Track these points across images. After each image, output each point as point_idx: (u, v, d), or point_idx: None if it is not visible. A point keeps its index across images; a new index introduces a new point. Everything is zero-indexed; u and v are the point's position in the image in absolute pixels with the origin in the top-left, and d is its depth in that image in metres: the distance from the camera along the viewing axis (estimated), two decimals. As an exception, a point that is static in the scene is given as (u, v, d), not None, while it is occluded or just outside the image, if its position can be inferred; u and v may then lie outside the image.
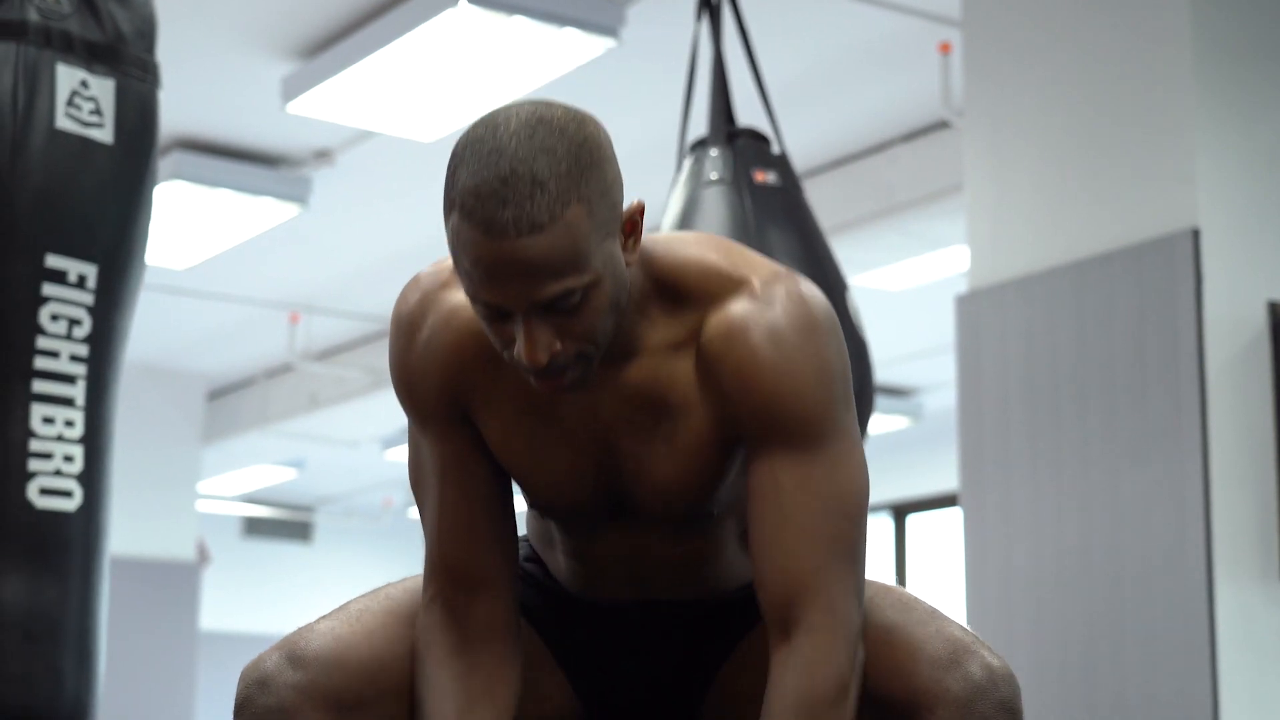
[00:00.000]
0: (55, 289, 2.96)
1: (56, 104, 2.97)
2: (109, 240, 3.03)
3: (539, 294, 1.58)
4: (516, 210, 1.55)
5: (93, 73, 3.02)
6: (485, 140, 1.58)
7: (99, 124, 3.02)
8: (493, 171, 1.56)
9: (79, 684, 2.96)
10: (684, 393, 1.74)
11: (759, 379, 1.69)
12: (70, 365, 2.98)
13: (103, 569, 3.03)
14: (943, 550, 10.74)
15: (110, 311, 3.04)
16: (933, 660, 1.69)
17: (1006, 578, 4.34)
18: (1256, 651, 3.94)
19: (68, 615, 2.94)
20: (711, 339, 1.72)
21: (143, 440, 9.87)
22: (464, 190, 1.57)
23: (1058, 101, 4.42)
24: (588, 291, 1.61)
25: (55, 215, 2.95)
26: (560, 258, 1.57)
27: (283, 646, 1.77)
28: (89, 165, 3.00)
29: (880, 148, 6.44)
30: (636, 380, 1.74)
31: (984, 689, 1.67)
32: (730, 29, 5.43)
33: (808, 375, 1.70)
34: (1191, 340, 3.99)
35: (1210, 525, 3.92)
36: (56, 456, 2.95)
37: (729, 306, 1.72)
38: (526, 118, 1.59)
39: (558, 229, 1.56)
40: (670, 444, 1.75)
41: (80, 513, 2.97)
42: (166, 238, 7.20)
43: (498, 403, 1.78)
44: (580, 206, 1.58)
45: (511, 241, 1.55)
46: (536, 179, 1.56)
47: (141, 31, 3.10)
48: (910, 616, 1.74)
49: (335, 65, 5.54)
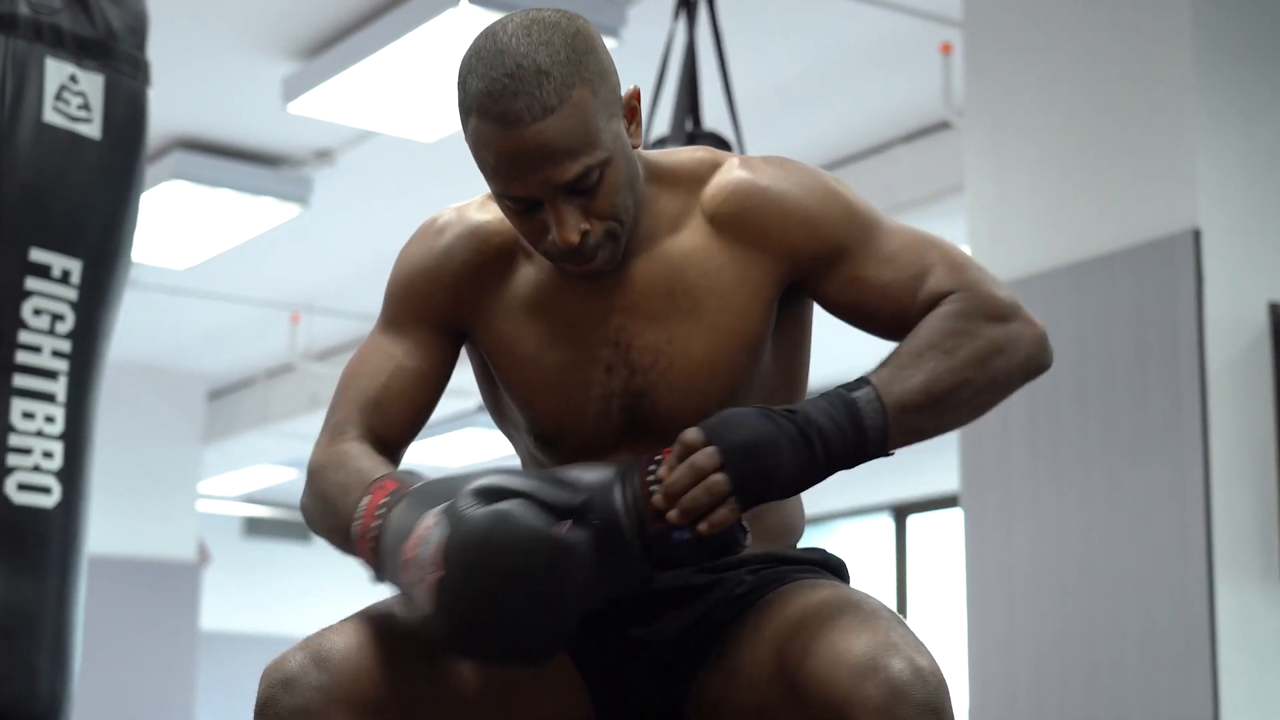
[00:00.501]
0: (39, 283, 2.94)
1: (45, 98, 2.95)
2: (94, 236, 3.01)
3: (561, 175, 1.71)
4: (528, 99, 1.69)
5: (82, 68, 3.00)
6: (488, 47, 1.72)
7: (87, 119, 3.01)
8: (500, 70, 1.70)
9: (54, 681, 2.94)
10: (705, 269, 1.82)
11: (787, 212, 1.82)
12: (52, 361, 2.96)
13: (81, 566, 3.01)
14: (943, 551, 10.74)
15: (94, 307, 3.02)
16: (852, 665, 1.64)
17: (1007, 578, 4.34)
18: (1257, 652, 3.93)
19: (44, 612, 2.92)
20: (719, 205, 1.84)
21: (143, 440, 9.87)
22: (477, 93, 1.71)
23: (1058, 102, 4.42)
24: (604, 169, 1.73)
25: (40, 209, 2.93)
26: (574, 137, 1.70)
27: (306, 647, 1.76)
28: (76, 160, 2.98)
29: (880, 148, 6.43)
30: (650, 272, 1.83)
31: (902, 692, 1.61)
32: (731, 30, 5.42)
33: (822, 186, 1.84)
34: (1192, 341, 3.99)
35: (1211, 525, 3.92)
36: (35, 452, 2.93)
37: (720, 176, 1.85)
38: (521, 20, 1.73)
39: (566, 110, 1.70)
40: (696, 321, 1.81)
41: (59, 509, 2.95)
42: (167, 238, 7.19)
43: (509, 312, 1.86)
44: (584, 88, 1.71)
45: (528, 128, 1.69)
46: (540, 68, 1.69)
47: (133, 28, 3.09)
48: (845, 620, 1.69)
49: (336, 65, 5.54)
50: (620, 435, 1.84)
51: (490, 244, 1.88)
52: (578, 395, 1.83)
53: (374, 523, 1.73)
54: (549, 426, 1.85)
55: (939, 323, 1.76)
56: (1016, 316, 1.79)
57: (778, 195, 1.83)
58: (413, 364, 1.88)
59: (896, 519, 10.98)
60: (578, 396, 1.83)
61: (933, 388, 1.73)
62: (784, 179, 1.84)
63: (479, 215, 1.90)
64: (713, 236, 1.83)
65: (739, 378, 1.83)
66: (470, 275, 1.88)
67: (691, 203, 1.85)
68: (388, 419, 1.88)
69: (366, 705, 1.75)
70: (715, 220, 1.84)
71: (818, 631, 1.70)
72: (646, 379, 1.82)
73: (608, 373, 1.83)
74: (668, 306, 1.82)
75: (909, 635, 1.68)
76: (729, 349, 1.82)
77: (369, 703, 1.75)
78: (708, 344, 1.81)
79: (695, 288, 1.82)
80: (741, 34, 5.39)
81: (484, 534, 1.60)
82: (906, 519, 10.94)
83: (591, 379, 1.83)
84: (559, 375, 1.83)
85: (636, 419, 1.83)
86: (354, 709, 1.74)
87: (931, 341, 1.75)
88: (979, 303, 1.78)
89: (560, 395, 1.84)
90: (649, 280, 1.82)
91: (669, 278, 1.82)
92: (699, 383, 1.81)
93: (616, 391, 1.83)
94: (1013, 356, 1.78)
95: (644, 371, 1.82)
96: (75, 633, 3.00)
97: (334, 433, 1.88)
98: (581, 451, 1.84)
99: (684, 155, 1.89)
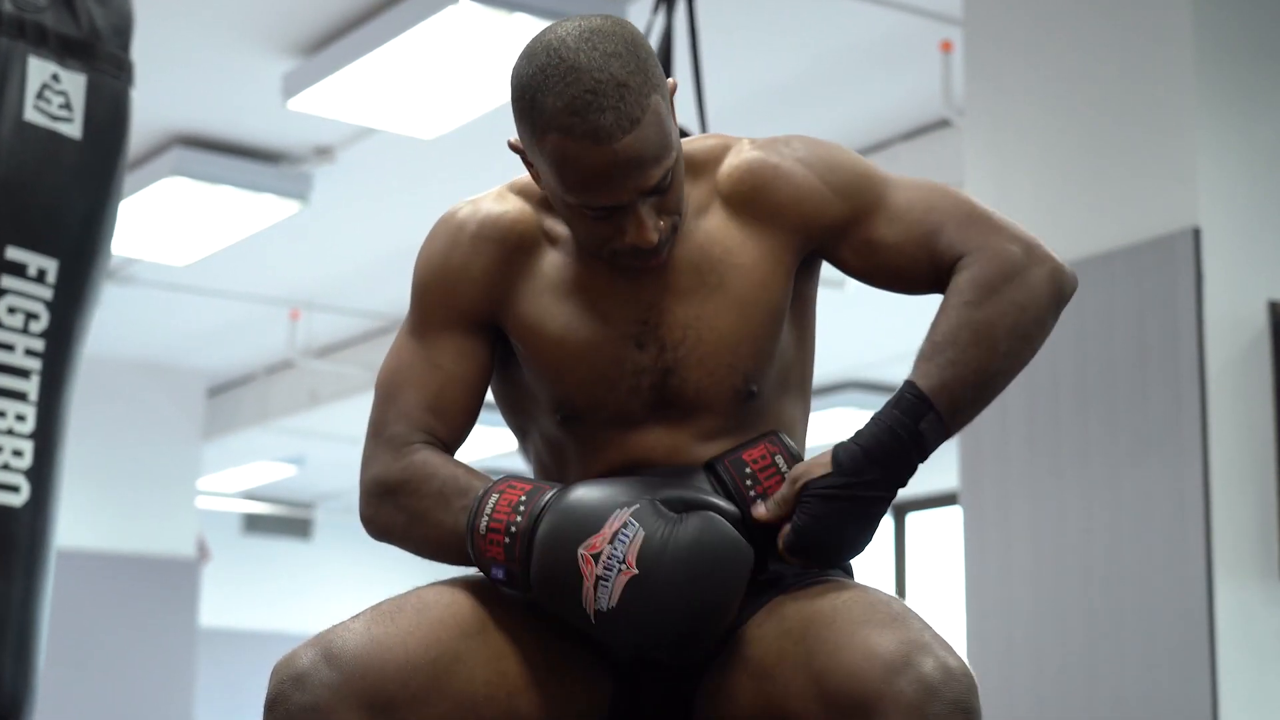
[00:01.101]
0: (14, 281, 2.93)
1: (26, 96, 2.94)
2: (72, 235, 3.00)
3: (648, 182, 1.76)
4: (615, 114, 1.72)
5: (65, 67, 3.00)
6: (555, 64, 1.74)
7: (68, 118, 3.00)
8: (580, 87, 1.72)
9: (16, 680, 2.92)
10: (728, 248, 1.88)
11: (798, 185, 1.89)
12: (25, 359, 2.95)
13: (49, 565, 3.00)
14: (942, 549, 10.74)
15: (70, 307, 3.00)
16: (885, 662, 1.66)
17: (1006, 576, 4.34)
18: (1256, 651, 3.93)
19: (9, 611, 2.90)
20: (734, 186, 1.90)
21: (142, 437, 9.87)
22: (558, 111, 1.73)
23: (1059, 100, 4.42)
24: (674, 168, 1.80)
25: (18, 207, 2.92)
26: (658, 144, 1.76)
27: (318, 644, 1.76)
28: (55, 159, 2.97)
29: (880, 146, 6.43)
30: (675, 250, 1.87)
31: (935, 689, 1.64)
32: (730, 28, 5.42)
33: (831, 154, 1.92)
34: (1192, 339, 3.99)
35: (1210, 524, 3.92)
36: (5, 451, 2.92)
37: (730, 159, 1.92)
38: (578, 32, 1.75)
39: (649, 119, 1.74)
40: (722, 297, 1.87)
41: (27, 508, 2.94)
42: (166, 234, 7.19)
43: (536, 295, 1.89)
44: (656, 94, 1.76)
45: (618, 142, 1.73)
46: (619, 81, 1.73)
47: (118, 28, 3.08)
48: (873, 617, 1.72)
49: (336, 62, 5.53)
50: (649, 411, 1.88)
51: (514, 232, 1.91)
52: (610, 371, 1.87)
53: (514, 518, 1.79)
54: (579, 401, 1.88)
55: (964, 312, 1.85)
56: (1030, 263, 1.87)
57: (788, 171, 1.90)
58: (458, 368, 1.91)
59: (895, 516, 10.98)
60: (610, 373, 1.87)
61: (984, 383, 1.86)
62: (792, 154, 1.90)
63: (497, 206, 1.93)
64: (731, 216, 1.90)
65: (764, 350, 1.89)
66: (497, 267, 1.90)
67: (709, 186, 1.91)
68: (446, 425, 1.91)
69: (377, 702, 1.75)
70: (731, 200, 1.90)
71: (848, 627, 1.72)
72: (676, 354, 1.87)
73: (639, 349, 1.87)
74: (695, 284, 1.87)
75: (939, 636, 1.71)
76: (754, 322, 1.88)
77: (379, 700, 1.75)
78: (734, 318, 1.87)
79: (720, 264, 1.88)
80: (742, 32, 5.39)
81: (693, 540, 1.74)
82: (905, 516, 10.94)
83: (623, 355, 1.87)
84: (591, 350, 1.87)
85: (666, 394, 1.87)
86: (364, 706, 1.74)
87: (965, 334, 1.85)
88: (993, 265, 1.86)
89: (593, 370, 1.87)
90: (677, 260, 1.88)
91: (695, 257, 1.88)
92: (726, 356, 1.87)
93: (647, 368, 1.87)
94: (1039, 308, 1.87)
95: (674, 347, 1.87)
96: (41, 632, 2.98)
97: (397, 446, 1.90)
98: (610, 426, 1.88)
99: (699, 142, 1.95)
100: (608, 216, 1.79)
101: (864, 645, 1.69)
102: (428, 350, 1.91)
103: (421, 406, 1.90)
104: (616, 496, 1.78)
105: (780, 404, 1.94)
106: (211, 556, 11.25)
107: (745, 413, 1.89)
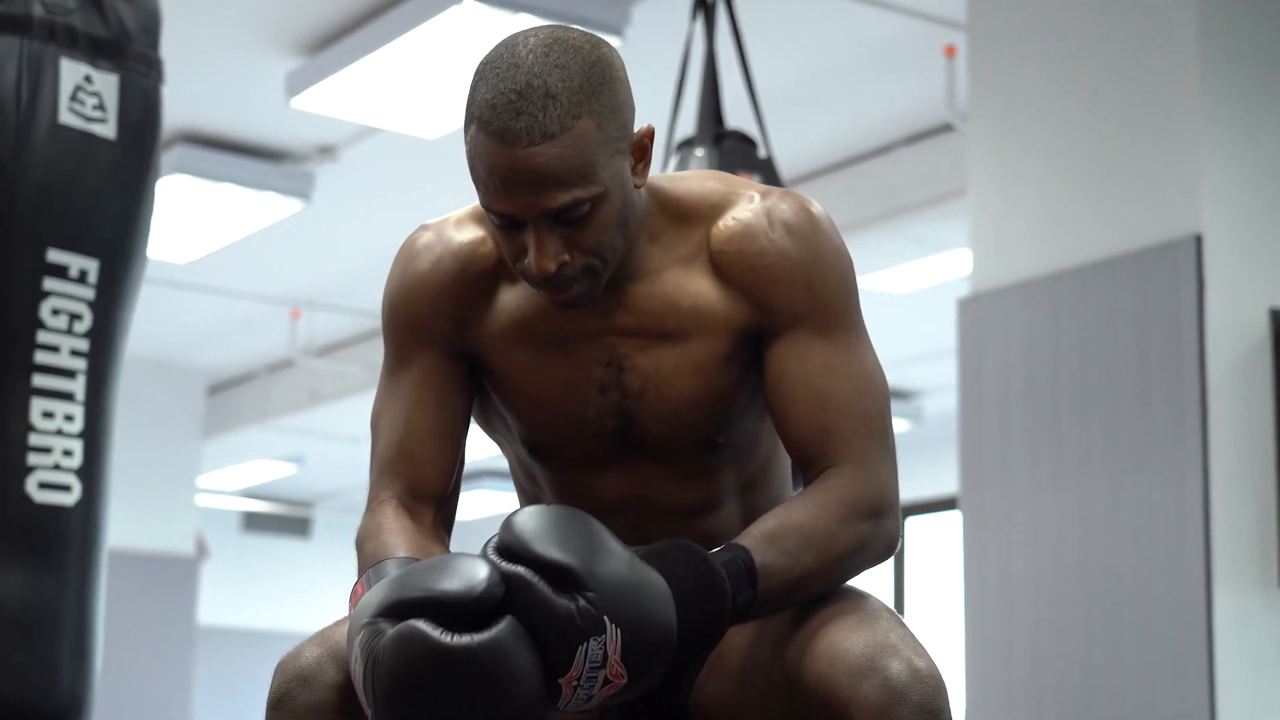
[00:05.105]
0: (56, 283, 2.96)
1: (60, 99, 2.97)
2: (111, 235, 3.03)
3: (548, 203, 1.67)
4: (529, 120, 1.65)
5: (96, 68, 3.02)
6: (504, 58, 1.68)
7: (102, 119, 3.02)
8: (509, 85, 1.66)
9: (75, 678, 2.96)
10: (696, 304, 1.80)
11: (778, 268, 1.78)
12: (70, 360, 2.98)
13: (101, 563, 3.03)
14: (942, 554, 10.74)
15: (111, 306, 3.04)
16: (850, 665, 1.64)
17: (1005, 582, 4.34)
18: (1255, 659, 3.93)
19: (65, 609, 2.94)
20: (723, 245, 1.80)
21: (143, 434, 9.86)
22: (482, 104, 1.67)
23: (1062, 106, 4.42)
24: (595, 204, 1.69)
25: (57, 210, 2.95)
26: (569, 167, 1.66)
27: (323, 643, 1.75)
28: (91, 160, 3.00)
29: (884, 150, 6.43)
30: (647, 298, 1.80)
31: (900, 693, 1.61)
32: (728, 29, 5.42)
33: (824, 261, 1.80)
34: (1193, 346, 3.99)
35: (1210, 532, 3.91)
36: (55, 451, 2.95)
37: (733, 213, 1.81)
38: (544, 37, 1.69)
39: (567, 139, 1.65)
40: (683, 354, 1.80)
41: (79, 507, 2.97)
42: (169, 232, 7.19)
43: (500, 329, 1.83)
44: (590, 120, 1.67)
45: (523, 149, 1.65)
46: (549, 92, 1.65)
47: (146, 27, 3.10)
48: (844, 620, 1.70)
49: (340, 61, 5.54)
50: (613, 453, 1.84)
51: (474, 261, 1.84)
52: (574, 412, 1.82)
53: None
54: (544, 440, 1.84)
55: (819, 513, 1.74)
56: (886, 514, 1.78)
57: (780, 250, 1.79)
58: (429, 394, 1.85)
59: (895, 521, 10.95)
60: (574, 414, 1.82)
61: (800, 584, 1.73)
62: (789, 234, 1.79)
63: (459, 234, 1.86)
64: (713, 274, 1.81)
65: (726, 412, 1.82)
66: (457, 295, 1.84)
67: (701, 237, 1.82)
68: (418, 466, 1.85)
69: None
70: (718, 259, 1.80)
71: (817, 631, 1.70)
72: (636, 404, 1.81)
73: (602, 392, 1.81)
74: (658, 334, 1.80)
75: (908, 636, 1.68)
76: (714, 388, 1.80)
77: None
78: (695, 381, 1.80)
79: (687, 319, 1.80)
80: (747, 37, 5.40)
81: (389, 665, 1.57)
82: (905, 521, 10.95)
83: (588, 397, 1.82)
84: (556, 390, 1.82)
85: (629, 439, 1.83)
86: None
87: (811, 535, 1.73)
88: (865, 494, 1.76)
89: (556, 411, 1.82)
90: (645, 307, 1.80)
91: (664, 308, 1.80)
92: (687, 415, 1.80)
93: (610, 411, 1.82)
94: (873, 557, 1.78)
95: (635, 396, 1.81)
96: (96, 629, 3.02)
97: (372, 495, 1.86)
98: (576, 466, 1.84)
99: (695, 185, 1.84)
100: (512, 229, 1.71)
101: (830, 649, 1.67)
102: (402, 387, 1.86)
103: (393, 449, 1.85)
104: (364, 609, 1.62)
105: (754, 444, 1.89)
106: (210, 554, 11.25)
107: (714, 459, 1.85)
